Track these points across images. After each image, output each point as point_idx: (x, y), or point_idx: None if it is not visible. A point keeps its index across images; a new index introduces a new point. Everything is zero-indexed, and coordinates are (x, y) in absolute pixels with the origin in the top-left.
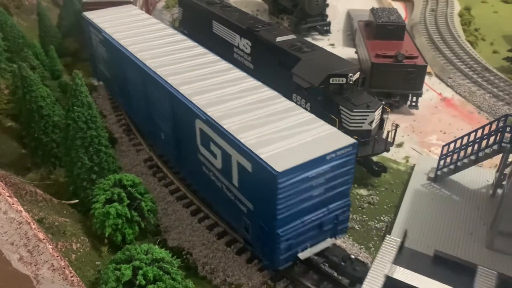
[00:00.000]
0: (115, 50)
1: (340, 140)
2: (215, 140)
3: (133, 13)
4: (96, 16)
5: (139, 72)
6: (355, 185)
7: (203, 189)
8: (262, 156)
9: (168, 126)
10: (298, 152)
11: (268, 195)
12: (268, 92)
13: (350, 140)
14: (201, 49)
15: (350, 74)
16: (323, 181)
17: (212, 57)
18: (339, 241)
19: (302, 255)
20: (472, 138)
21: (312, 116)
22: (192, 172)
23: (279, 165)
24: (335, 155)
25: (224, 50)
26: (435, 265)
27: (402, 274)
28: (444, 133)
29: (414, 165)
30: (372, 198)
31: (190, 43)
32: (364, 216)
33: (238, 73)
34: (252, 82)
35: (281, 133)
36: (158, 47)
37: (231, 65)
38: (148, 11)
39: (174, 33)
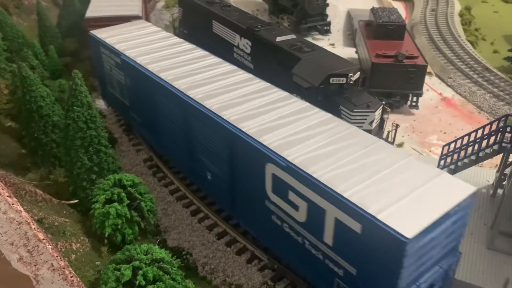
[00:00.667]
0: (141, 77)
1: (458, 188)
2: (299, 190)
3: (149, 31)
4: (108, 36)
5: (180, 105)
6: None
7: (269, 238)
8: (379, 217)
9: (222, 167)
10: (419, 208)
11: (387, 262)
12: (346, 126)
13: (470, 188)
14: (245, 74)
15: (350, 74)
16: (443, 239)
17: (262, 84)
18: None
19: None
20: (472, 138)
21: (412, 156)
22: (253, 218)
23: (406, 229)
24: (458, 208)
25: (224, 50)
26: None
27: None
28: (445, 133)
29: None
30: None
31: (229, 66)
32: None
33: (300, 102)
34: (322, 113)
35: (388, 181)
36: (194, 72)
37: (287, 93)
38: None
39: (206, 55)
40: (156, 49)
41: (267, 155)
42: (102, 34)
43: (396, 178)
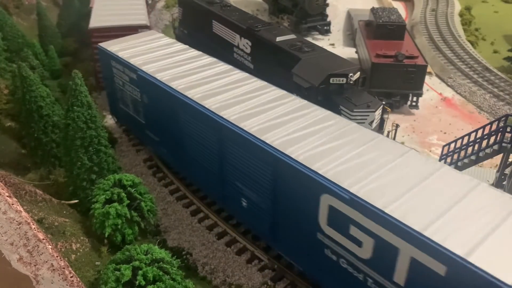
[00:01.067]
0: (163, 94)
1: None
2: (363, 225)
3: (163, 43)
4: (120, 49)
5: (211, 126)
6: None
7: (320, 273)
8: (472, 260)
9: (262, 195)
10: (506, 244)
11: None
12: (403, 149)
13: None
14: (277, 91)
15: (350, 74)
16: None
17: (299, 101)
18: None
19: None
20: (472, 138)
21: (482, 183)
22: (299, 251)
23: (505, 274)
24: None
25: (224, 50)
26: None
27: None
28: (445, 133)
29: None
30: None
31: (259, 82)
32: None
33: (345, 121)
34: (371, 134)
35: (467, 214)
36: (223, 89)
37: (328, 112)
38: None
39: (231, 69)
40: (175, 64)
41: (323, 185)
42: (113, 47)
43: (474, 209)
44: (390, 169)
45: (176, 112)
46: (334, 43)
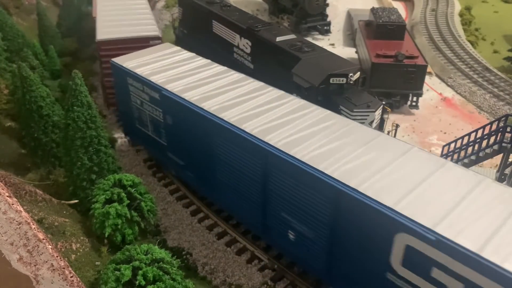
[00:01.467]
0: (192, 116)
1: None
2: (451, 269)
3: (182, 57)
4: (137, 65)
5: (253, 153)
6: None
7: None
8: None
9: (318, 230)
10: None
11: None
12: (479, 177)
13: None
14: (320, 110)
15: (350, 74)
16: None
17: (347, 121)
18: None
19: None
20: (472, 138)
21: None
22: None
23: None
24: None
25: (224, 50)
26: None
27: None
28: (445, 133)
29: None
30: None
31: (297, 100)
32: None
33: (412, 147)
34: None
35: None
36: (262, 110)
37: (385, 134)
38: None
39: (263, 87)
40: (202, 81)
41: (400, 223)
42: (129, 63)
43: None
44: (471, 201)
45: (208, 135)
46: (334, 43)
